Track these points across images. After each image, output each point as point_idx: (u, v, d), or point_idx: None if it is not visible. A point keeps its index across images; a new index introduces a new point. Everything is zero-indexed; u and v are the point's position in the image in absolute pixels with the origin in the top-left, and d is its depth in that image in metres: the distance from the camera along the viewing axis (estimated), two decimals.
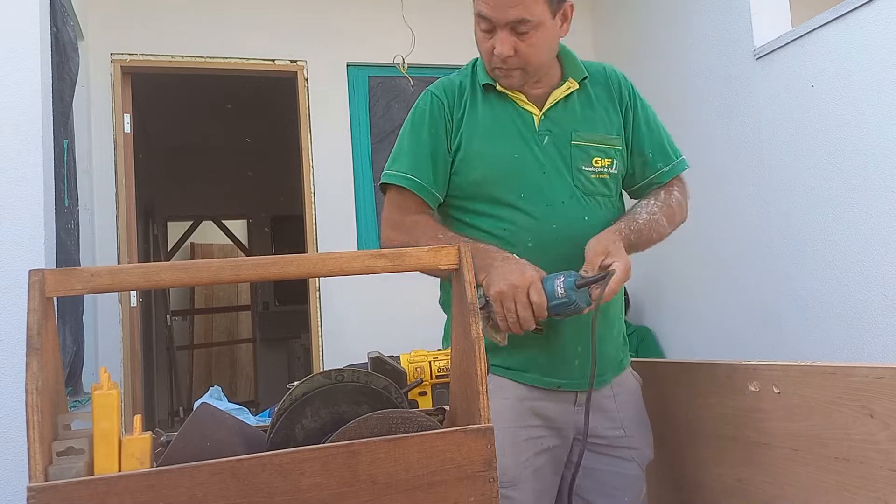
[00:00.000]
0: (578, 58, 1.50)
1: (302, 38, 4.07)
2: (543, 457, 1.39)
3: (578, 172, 1.40)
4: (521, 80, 1.39)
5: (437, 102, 1.44)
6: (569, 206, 1.38)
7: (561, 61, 1.47)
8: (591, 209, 1.40)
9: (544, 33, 1.34)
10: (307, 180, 4.01)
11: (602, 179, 1.42)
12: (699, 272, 3.66)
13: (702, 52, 3.53)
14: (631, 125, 1.48)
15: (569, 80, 1.44)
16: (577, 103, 1.44)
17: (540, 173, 1.39)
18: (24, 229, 2.27)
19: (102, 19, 3.73)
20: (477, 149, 1.40)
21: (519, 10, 1.29)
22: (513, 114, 1.42)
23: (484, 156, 1.40)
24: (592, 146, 1.42)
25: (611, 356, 1.45)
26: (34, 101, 2.35)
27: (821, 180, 2.81)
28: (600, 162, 1.42)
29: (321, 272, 0.90)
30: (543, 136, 1.41)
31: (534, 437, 1.38)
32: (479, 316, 0.93)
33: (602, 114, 1.45)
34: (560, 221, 1.37)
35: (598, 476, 1.42)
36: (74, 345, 2.71)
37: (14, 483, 2.13)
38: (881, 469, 1.03)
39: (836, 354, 2.72)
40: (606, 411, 1.43)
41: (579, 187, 1.40)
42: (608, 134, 1.44)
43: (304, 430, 0.92)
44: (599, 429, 1.42)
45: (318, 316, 3.91)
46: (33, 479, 0.73)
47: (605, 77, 1.50)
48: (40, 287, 0.78)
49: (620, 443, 1.43)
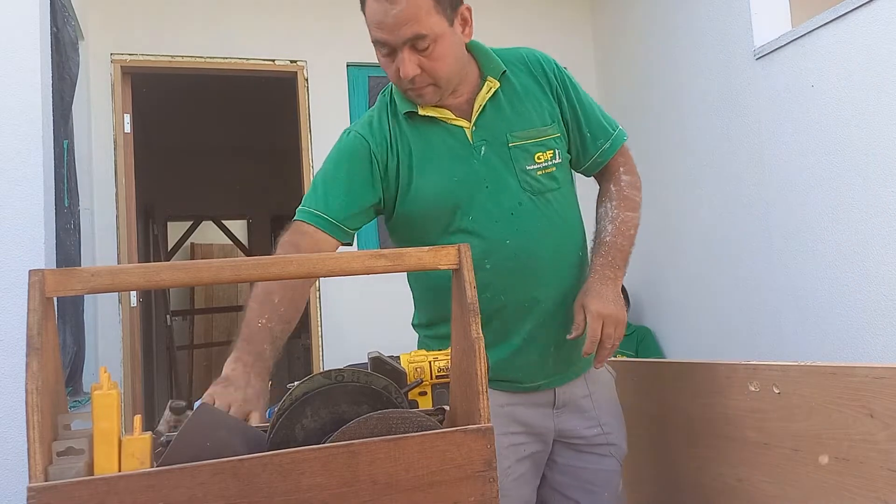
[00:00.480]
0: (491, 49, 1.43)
1: (302, 38, 4.07)
2: (525, 463, 1.40)
3: (524, 174, 1.36)
4: (435, 96, 1.33)
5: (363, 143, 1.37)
6: (518, 215, 1.35)
7: (477, 60, 1.41)
8: (542, 210, 1.37)
9: (445, 44, 1.28)
10: (307, 180, 4.01)
11: (549, 174, 1.38)
12: (699, 272, 3.66)
13: (702, 52, 3.53)
14: (566, 107, 1.42)
15: (488, 80, 1.38)
16: (505, 101, 1.39)
17: (483, 189, 1.35)
18: (24, 229, 2.27)
19: (102, 19, 3.73)
20: (417, 184, 1.36)
21: (412, 27, 1.24)
22: (444, 135, 1.37)
23: (424, 188, 1.36)
24: (531, 143, 1.37)
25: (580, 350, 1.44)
26: (34, 101, 2.35)
27: (820, 180, 2.81)
28: (543, 157, 1.38)
29: (321, 272, 0.90)
30: (480, 148, 1.36)
31: (515, 443, 1.38)
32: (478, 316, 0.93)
33: (533, 104, 1.40)
34: (512, 236, 1.34)
35: (579, 473, 1.44)
36: (75, 345, 2.71)
37: (14, 483, 2.13)
38: (881, 469, 1.03)
39: (835, 354, 2.72)
40: (584, 411, 1.44)
41: (527, 189, 1.36)
42: (543, 125, 1.39)
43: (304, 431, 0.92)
44: (578, 429, 1.43)
45: (318, 316, 3.91)
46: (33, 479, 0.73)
47: (527, 64, 1.43)
48: (40, 287, 0.78)
49: (598, 440, 1.44)
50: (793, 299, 2.99)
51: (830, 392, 1.11)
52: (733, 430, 1.35)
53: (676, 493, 1.57)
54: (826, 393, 1.12)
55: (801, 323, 2.95)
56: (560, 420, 1.43)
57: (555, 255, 1.38)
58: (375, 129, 1.39)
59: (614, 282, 1.35)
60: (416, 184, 1.36)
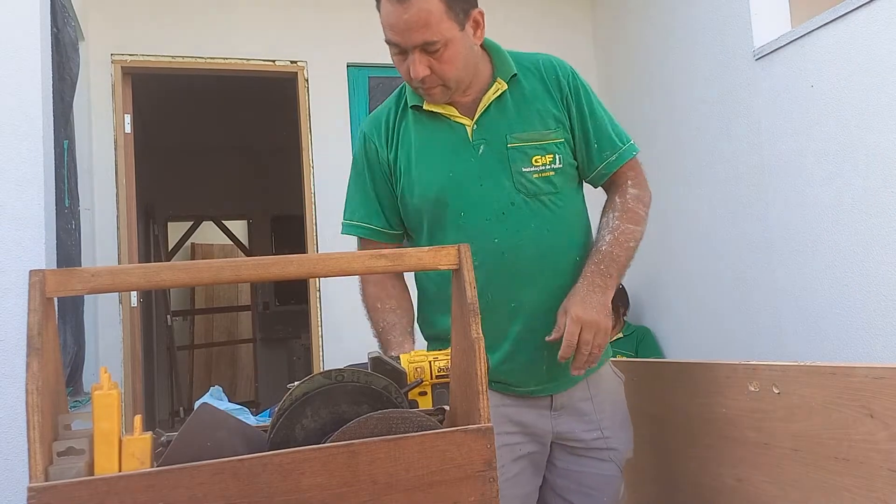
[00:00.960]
0: (509, 52, 1.46)
1: (302, 38, 4.07)
2: (521, 463, 1.39)
3: (519, 175, 1.37)
4: (444, 96, 1.37)
5: (371, 145, 1.46)
6: (510, 214, 1.36)
7: (491, 60, 1.44)
8: (535, 212, 1.37)
9: (456, 48, 1.31)
10: (307, 180, 4.01)
11: (546, 178, 1.38)
12: (699, 272, 3.66)
13: (702, 52, 3.53)
14: (575, 116, 1.43)
15: (497, 81, 1.41)
16: (511, 102, 1.41)
17: (477, 186, 1.37)
18: (25, 230, 2.27)
19: (103, 19, 3.73)
20: (414, 175, 1.40)
21: (423, 33, 1.27)
22: (445, 130, 1.40)
23: (420, 181, 1.39)
24: (530, 145, 1.38)
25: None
26: (34, 102, 2.35)
27: (820, 180, 2.81)
28: (541, 160, 1.38)
29: (321, 272, 0.90)
30: (479, 146, 1.38)
31: (510, 443, 1.37)
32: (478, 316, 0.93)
33: (538, 109, 1.41)
34: (501, 234, 1.35)
35: (577, 477, 1.43)
36: (75, 345, 2.71)
37: (14, 483, 2.13)
38: (881, 469, 1.03)
39: (835, 354, 2.72)
40: (584, 414, 1.43)
41: (521, 191, 1.37)
42: (546, 129, 1.40)
43: (304, 431, 0.92)
44: (576, 432, 1.42)
45: (319, 316, 3.91)
46: (33, 479, 0.73)
47: (540, 69, 1.45)
48: (41, 287, 0.78)
49: (598, 444, 1.43)
50: (792, 299, 2.99)
51: (830, 392, 1.11)
52: (733, 430, 1.35)
53: (676, 493, 1.57)
54: (826, 393, 1.12)
55: (800, 323, 2.95)
56: (558, 422, 1.42)
57: (543, 257, 1.37)
58: (381, 122, 1.46)
59: (603, 290, 1.33)
60: (413, 174, 1.40)
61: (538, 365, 1.38)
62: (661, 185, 3.87)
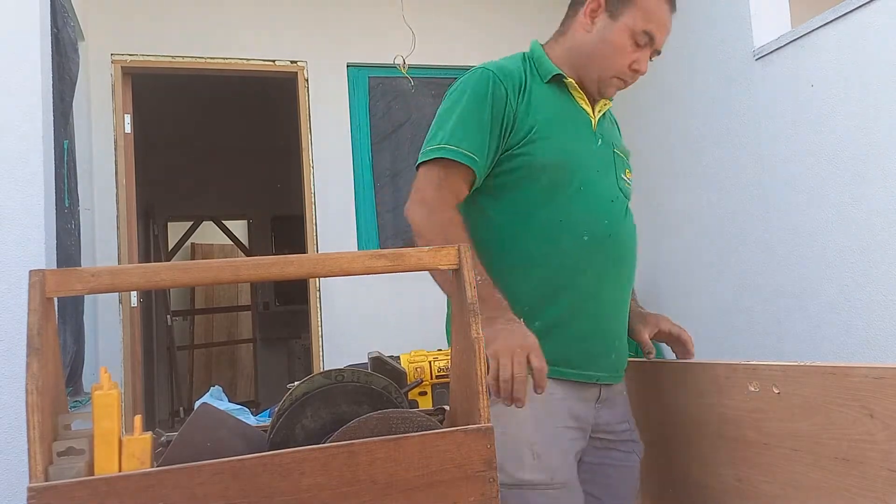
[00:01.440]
0: None
1: (302, 39, 4.07)
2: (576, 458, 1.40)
3: (621, 179, 1.49)
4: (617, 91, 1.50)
5: (500, 90, 1.37)
6: (617, 204, 1.45)
7: None
8: (629, 213, 1.49)
9: None
10: (307, 180, 4.01)
11: (630, 189, 1.53)
12: (699, 272, 3.66)
13: (702, 53, 3.53)
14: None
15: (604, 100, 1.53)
16: (611, 118, 1.59)
17: (595, 171, 1.44)
18: (25, 230, 2.27)
19: (102, 19, 3.73)
20: (548, 133, 1.38)
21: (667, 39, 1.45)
22: (574, 109, 1.47)
23: (553, 140, 1.39)
24: (625, 159, 1.53)
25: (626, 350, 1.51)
26: (34, 102, 2.35)
27: (820, 180, 2.81)
28: (629, 174, 1.53)
29: (321, 272, 0.90)
30: (598, 139, 1.48)
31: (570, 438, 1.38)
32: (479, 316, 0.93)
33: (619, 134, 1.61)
34: (610, 218, 1.42)
35: (605, 470, 1.45)
36: (75, 345, 2.71)
37: (14, 483, 2.13)
38: (881, 469, 1.03)
39: (835, 354, 2.72)
40: (618, 406, 1.47)
41: (622, 190, 1.48)
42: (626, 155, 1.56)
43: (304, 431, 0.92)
44: (612, 423, 1.45)
45: (319, 316, 3.91)
46: (33, 479, 0.73)
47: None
48: (41, 287, 0.78)
49: (626, 436, 1.47)
50: (793, 299, 2.99)
51: (830, 392, 1.11)
52: (733, 430, 1.35)
53: (676, 493, 1.57)
54: (826, 393, 1.12)
55: (801, 323, 2.95)
56: (599, 413, 1.43)
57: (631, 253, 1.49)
58: (514, 75, 1.42)
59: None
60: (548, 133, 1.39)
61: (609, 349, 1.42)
62: (661, 184, 3.87)
